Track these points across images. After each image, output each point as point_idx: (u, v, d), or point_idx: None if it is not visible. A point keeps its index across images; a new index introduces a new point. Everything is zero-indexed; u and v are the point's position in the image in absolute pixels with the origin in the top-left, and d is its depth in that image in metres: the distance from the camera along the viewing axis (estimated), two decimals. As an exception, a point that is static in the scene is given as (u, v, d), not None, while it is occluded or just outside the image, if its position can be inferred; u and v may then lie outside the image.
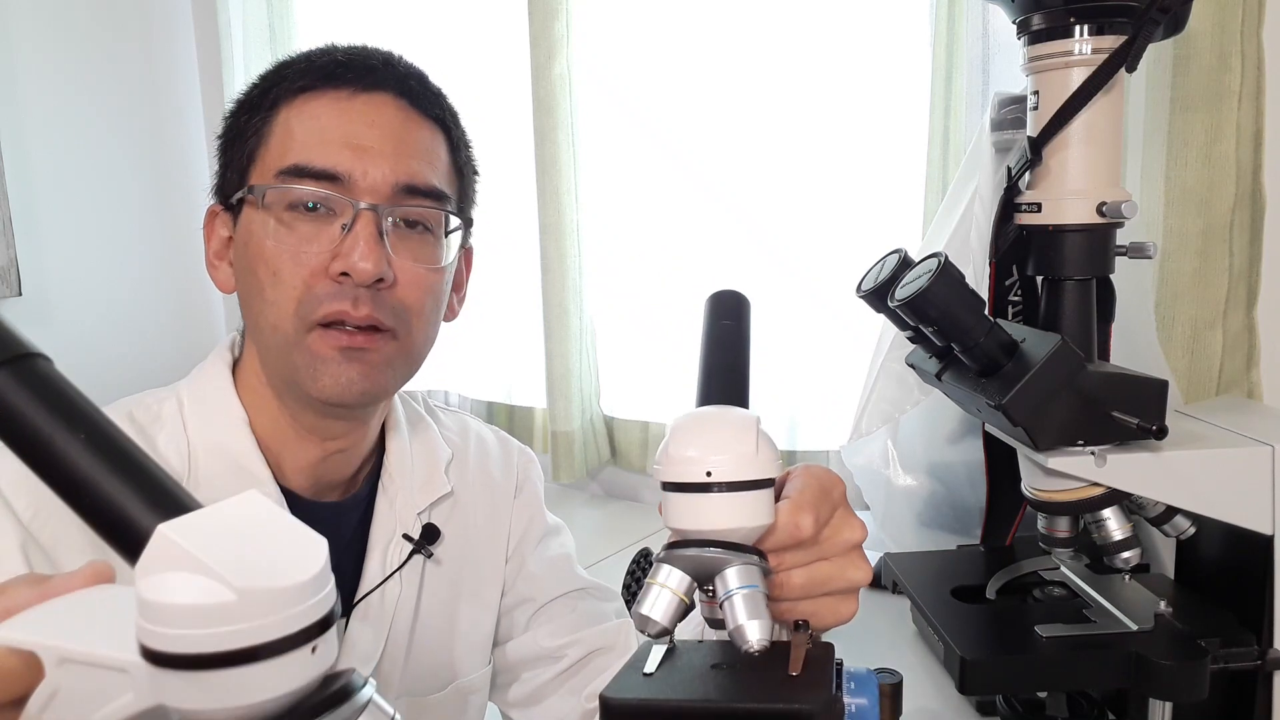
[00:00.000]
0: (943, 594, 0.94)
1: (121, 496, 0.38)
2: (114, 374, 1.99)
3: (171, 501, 0.38)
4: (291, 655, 0.34)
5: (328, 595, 0.36)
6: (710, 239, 1.57)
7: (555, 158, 1.62)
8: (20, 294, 1.91)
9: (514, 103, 1.71)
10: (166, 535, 0.34)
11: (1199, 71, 1.04)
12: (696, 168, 1.58)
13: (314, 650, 0.35)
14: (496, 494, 0.91)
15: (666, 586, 0.50)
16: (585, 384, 1.71)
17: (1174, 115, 1.06)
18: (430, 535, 0.83)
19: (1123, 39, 0.76)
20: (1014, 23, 0.82)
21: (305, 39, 2.05)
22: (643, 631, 0.50)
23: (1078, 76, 0.78)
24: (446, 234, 0.77)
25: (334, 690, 0.37)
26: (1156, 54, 1.06)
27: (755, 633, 0.49)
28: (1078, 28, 0.77)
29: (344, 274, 0.70)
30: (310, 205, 0.71)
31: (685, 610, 0.51)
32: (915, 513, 1.24)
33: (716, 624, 0.53)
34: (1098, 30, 0.77)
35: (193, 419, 0.77)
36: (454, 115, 0.80)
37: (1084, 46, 0.77)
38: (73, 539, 0.66)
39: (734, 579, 0.50)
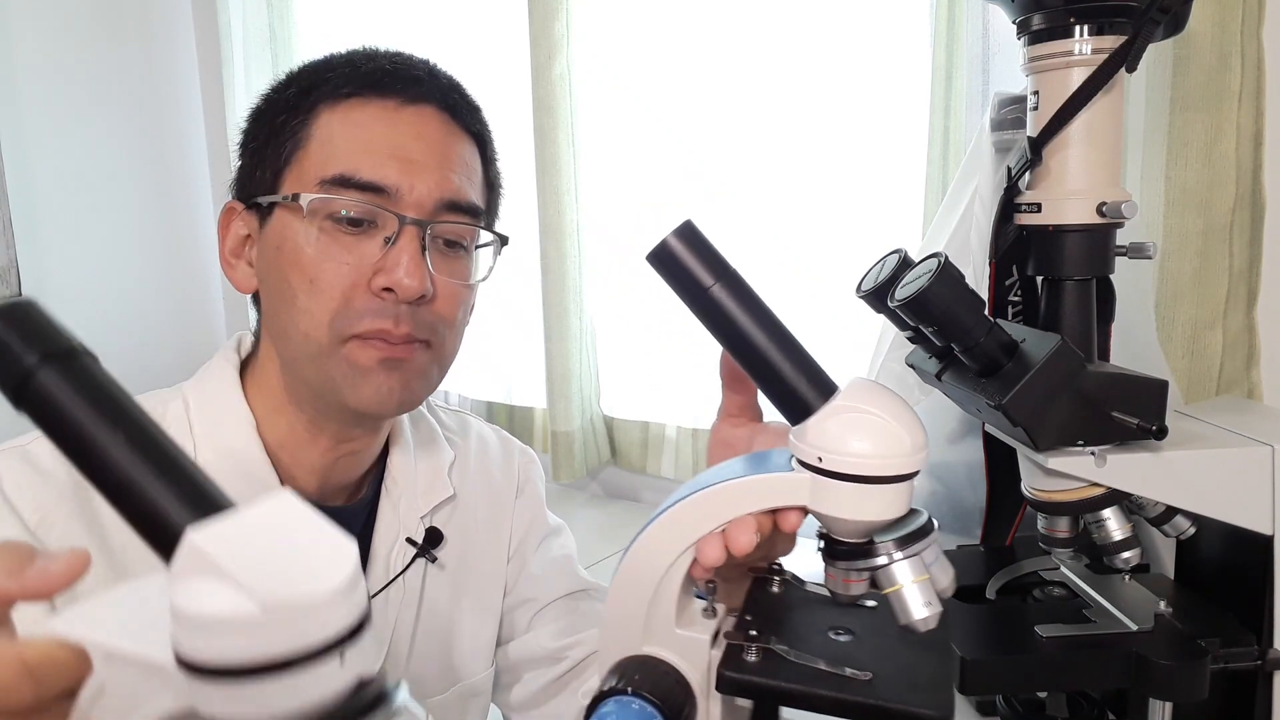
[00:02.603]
0: (943, 594, 0.93)
1: (156, 495, 0.37)
2: (114, 374, 1.99)
3: (205, 501, 0.37)
4: (319, 665, 0.34)
5: (355, 603, 0.36)
6: (710, 239, 1.57)
7: (555, 158, 1.62)
8: (20, 294, 1.91)
9: (514, 103, 1.71)
10: (195, 543, 0.34)
11: (1199, 71, 1.04)
12: (696, 167, 1.58)
13: (342, 659, 0.35)
14: (498, 495, 0.91)
15: (920, 579, 0.50)
16: (585, 384, 1.71)
17: (1174, 115, 1.06)
18: (433, 538, 0.83)
19: (1123, 39, 0.76)
20: (1014, 23, 0.82)
21: (305, 39, 2.05)
22: (923, 629, 0.50)
23: (1078, 76, 0.78)
24: (477, 248, 0.78)
25: (367, 697, 0.36)
26: (1156, 54, 1.06)
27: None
28: (1078, 28, 0.77)
29: (386, 289, 0.70)
30: (353, 216, 0.70)
31: None
32: (915, 513, 1.23)
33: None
34: (1098, 30, 0.77)
35: (199, 422, 0.76)
36: (488, 129, 0.80)
37: (1084, 47, 0.77)
38: (79, 543, 0.66)
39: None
